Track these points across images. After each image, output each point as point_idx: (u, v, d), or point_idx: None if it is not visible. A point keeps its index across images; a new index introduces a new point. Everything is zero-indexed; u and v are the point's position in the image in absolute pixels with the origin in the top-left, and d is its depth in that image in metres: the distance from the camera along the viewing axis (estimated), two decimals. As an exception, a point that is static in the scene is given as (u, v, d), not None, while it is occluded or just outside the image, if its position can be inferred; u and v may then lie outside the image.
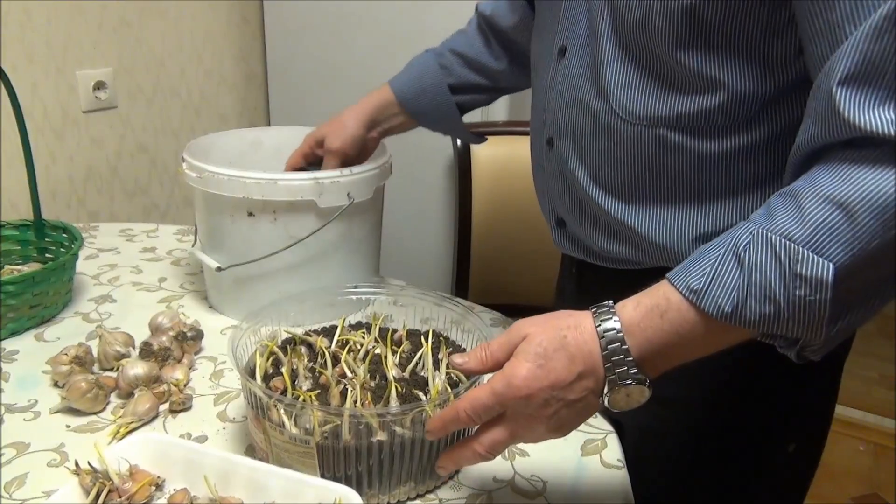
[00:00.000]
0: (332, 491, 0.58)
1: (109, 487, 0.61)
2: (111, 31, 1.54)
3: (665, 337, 0.52)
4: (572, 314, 0.55)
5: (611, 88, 0.68)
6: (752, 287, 0.49)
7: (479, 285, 1.54)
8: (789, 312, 0.49)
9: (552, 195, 0.81)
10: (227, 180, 0.89)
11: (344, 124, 0.98)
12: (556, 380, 0.53)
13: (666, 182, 0.69)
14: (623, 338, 0.52)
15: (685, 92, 0.64)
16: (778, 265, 0.49)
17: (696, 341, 0.53)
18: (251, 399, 0.65)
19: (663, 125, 0.66)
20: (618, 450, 0.74)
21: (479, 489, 0.68)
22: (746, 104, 0.63)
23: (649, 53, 0.65)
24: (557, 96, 0.75)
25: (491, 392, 0.54)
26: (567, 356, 0.53)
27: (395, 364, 0.71)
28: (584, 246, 0.80)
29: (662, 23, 0.62)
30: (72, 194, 1.54)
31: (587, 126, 0.72)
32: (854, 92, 0.48)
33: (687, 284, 0.52)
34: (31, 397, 0.80)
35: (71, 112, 1.50)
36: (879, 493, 1.94)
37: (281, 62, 1.86)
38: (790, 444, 0.78)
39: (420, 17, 1.63)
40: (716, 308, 0.51)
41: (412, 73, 1.01)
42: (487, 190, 1.50)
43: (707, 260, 0.52)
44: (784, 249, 0.49)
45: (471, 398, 0.55)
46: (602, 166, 0.72)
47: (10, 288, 0.88)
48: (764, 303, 0.49)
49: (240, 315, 0.92)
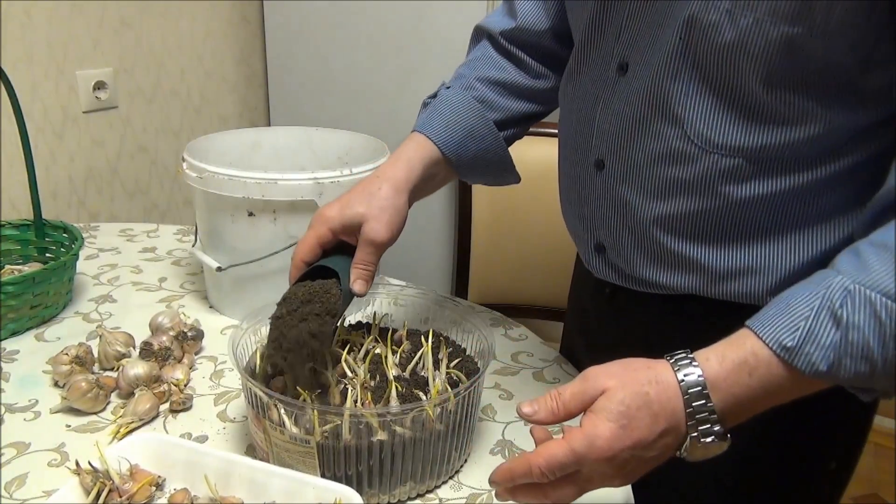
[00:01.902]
0: (332, 491, 0.58)
1: (110, 487, 0.61)
2: (111, 31, 1.54)
3: (752, 393, 0.51)
4: (649, 364, 0.53)
5: (683, 113, 0.63)
6: (850, 346, 0.48)
7: (479, 285, 1.54)
8: (885, 371, 0.48)
9: (595, 220, 0.74)
10: (227, 180, 0.89)
11: (388, 204, 0.72)
12: (638, 439, 0.51)
13: (734, 215, 0.65)
14: (708, 395, 0.51)
15: (771, 122, 0.60)
16: (878, 326, 0.48)
17: (782, 395, 0.52)
18: (251, 399, 0.65)
19: (742, 155, 0.62)
20: (618, 450, 0.74)
21: (479, 489, 0.68)
22: (837, 136, 0.60)
23: (734, 80, 0.60)
24: (614, 116, 0.68)
25: (571, 451, 0.51)
26: (650, 415, 0.51)
27: (395, 364, 0.71)
28: (625, 273, 0.74)
29: (758, 52, 0.57)
30: (72, 194, 1.54)
31: (651, 150, 0.66)
32: None
33: (779, 341, 0.50)
34: (32, 397, 0.80)
35: (71, 112, 1.50)
36: (879, 494, 1.94)
37: (281, 62, 1.86)
38: (831, 462, 0.76)
39: (420, 17, 1.63)
40: (809, 366, 0.49)
41: (446, 116, 0.80)
42: (487, 190, 1.50)
43: (799, 314, 0.50)
44: (885, 309, 0.47)
45: (547, 455, 0.51)
46: (665, 194, 0.66)
47: (10, 288, 0.89)
48: (860, 362, 0.48)
49: (240, 315, 0.93)
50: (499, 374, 0.88)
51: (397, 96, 1.72)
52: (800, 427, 0.73)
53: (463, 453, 0.70)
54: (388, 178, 0.73)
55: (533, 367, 0.89)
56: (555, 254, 1.43)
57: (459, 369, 0.71)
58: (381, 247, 0.71)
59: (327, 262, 0.71)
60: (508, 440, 0.75)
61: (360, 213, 0.70)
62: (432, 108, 0.81)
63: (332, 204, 0.72)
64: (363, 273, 0.71)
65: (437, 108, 0.81)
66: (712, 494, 0.76)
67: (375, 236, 0.70)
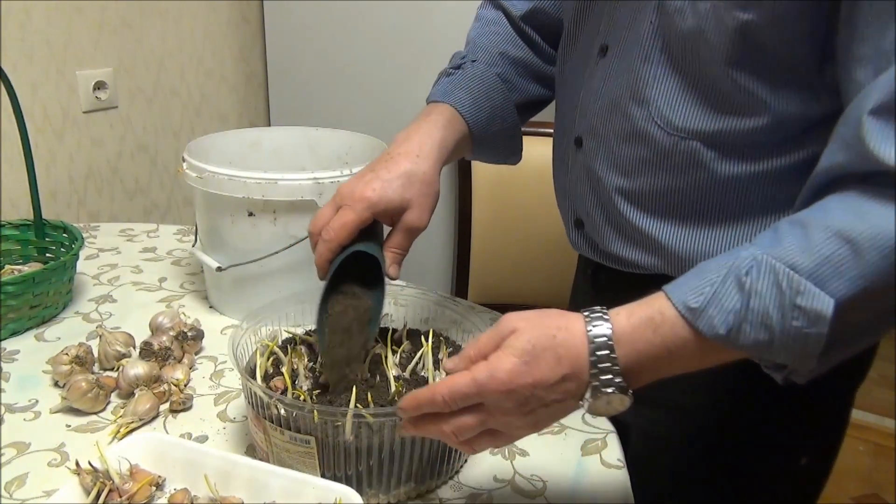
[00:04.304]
0: (332, 491, 0.58)
1: (110, 487, 0.61)
2: (111, 31, 1.54)
3: (655, 350, 0.52)
4: (564, 314, 0.54)
5: (651, 95, 0.66)
6: (750, 313, 0.49)
7: (479, 285, 1.54)
8: (783, 342, 0.49)
9: (574, 195, 0.79)
10: (228, 180, 0.89)
11: (430, 190, 0.70)
12: (540, 378, 0.52)
13: (692, 196, 0.67)
14: (613, 346, 0.52)
15: (729, 110, 0.62)
16: (779, 294, 0.48)
17: (685, 358, 0.52)
18: (251, 399, 0.65)
19: (699, 139, 0.64)
20: (618, 450, 0.75)
21: (479, 489, 0.68)
22: (790, 127, 0.62)
23: (696, 66, 0.62)
24: (593, 95, 0.72)
25: (472, 381, 0.52)
26: (555, 357, 0.52)
27: (395, 364, 0.71)
28: (599, 249, 0.78)
29: (716, 39, 0.59)
30: (72, 194, 1.54)
31: (621, 129, 0.69)
32: (884, 124, 0.47)
33: (684, 302, 0.51)
34: (32, 397, 0.80)
35: (71, 112, 1.50)
36: (879, 494, 1.94)
37: (281, 62, 1.86)
38: (802, 457, 0.77)
39: (421, 17, 1.63)
40: (710, 329, 0.50)
41: (475, 92, 0.79)
42: (487, 190, 1.50)
43: (707, 279, 0.51)
44: (787, 279, 0.48)
45: (450, 384, 0.53)
46: (630, 172, 0.70)
47: (10, 288, 0.88)
48: (759, 329, 0.49)
49: (240, 315, 0.92)
50: (499, 374, 0.87)
51: (397, 96, 1.72)
52: (768, 420, 0.74)
53: (463, 453, 0.70)
54: (426, 156, 0.71)
55: (533, 367, 0.89)
56: (555, 254, 1.43)
57: (459, 369, 0.71)
58: (419, 232, 0.71)
59: (365, 248, 0.68)
60: (508, 440, 0.75)
61: (407, 199, 0.69)
62: (459, 81, 0.79)
63: (369, 182, 0.68)
64: (399, 257, 0.70)
65: (465, 82, 0.79)
66: (668, 484, 0.78)
67: (419, 224, 0.70)
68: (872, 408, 2.25)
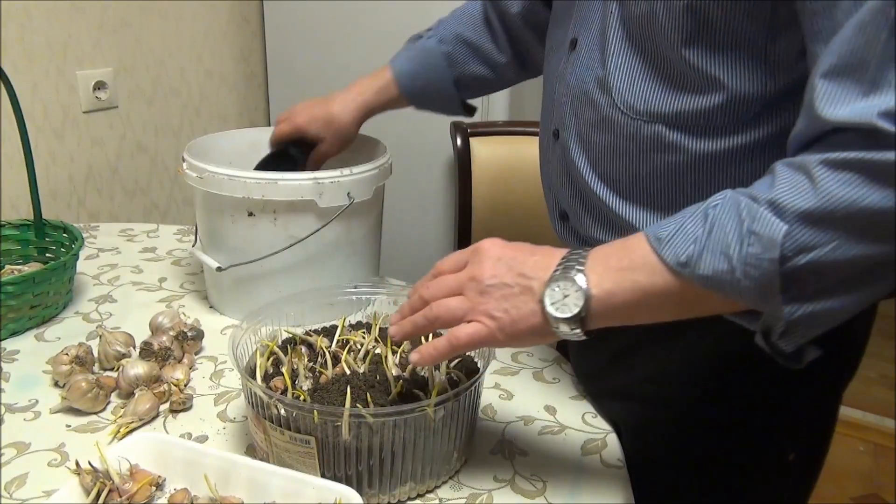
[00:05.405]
0: (332, 491, 0.58)
1: (110, 487, 0.61)
2: (111, 31, 1.54)
3: (619, 259, 0.55)
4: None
5: (614, 82, 0.68)
6: (710, 241, 0.51)
7: (479, 285, 1.54)
8: (741, 271, 0.50)
9: (556, 188, 0.81)
10: (227, 180, 0.89)
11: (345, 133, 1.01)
12: (517, 253, 0.59)
13: (663, 179, 0.69)
14: (586, 253, 0.57)
15: (686, 90, 0.64)
16: (739, 223, 0.50)
17: (650, 293, 0.54)
18: (251, 399, 0.65)
19: (662, 122, 0.66)
20: (618, 450, 0.75)
21: (478, 489, 0.68)
22: (747, 105, 0.63)
23: (654, 49, 0.65)
24: (565, 88, 0.75)
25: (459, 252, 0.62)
26: (530, 248, 0.60)
27: (395, 364, 0.71)
28: (584, 240, 0.79)
29: (666, 19, 0.62)
30: (72, 194, 1.54)
31: (590, 118, 0.72)
32: (832, 84, 0.48)
33: (655, 233, 0.55)
34: (32, 397, 0.80)
35: (71, 112, 1.50)
36: (879, 494, 1.94)
37: (281, 62, 1.86)
38: (790, 453, 0.77)
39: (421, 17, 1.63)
40: (673, 256, 0.53)
41: (416, 63, 0.99)
42: (487, 190, 1.50)
43: (680, 215, 0.55)
44: (747, 208, 0.50)
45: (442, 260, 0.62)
46: (602, 160, 0.72)
47: (10, 288, 0.89)
48: (719, 258, 0.51)
49: (240, 315, 0.93)
50: (499, 374, 0.88)
51: (397, 96, 1.72)
52: (755, 414, 0.75)
53: (463, 453, 0.70)
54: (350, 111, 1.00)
55: (533, 367, 0.90)
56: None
57: (459, 369, 0.71)
58: (329, 157, 1.04)
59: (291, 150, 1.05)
60: (508, 440, 0.75)
61: (322, 136, 1.01)
62: (409, 51, 1.00)
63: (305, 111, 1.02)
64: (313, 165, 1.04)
65: (413, 53, 0.99)
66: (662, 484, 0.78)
67: (327, 154, 1.03)
68: (872, 408, 2.25)
